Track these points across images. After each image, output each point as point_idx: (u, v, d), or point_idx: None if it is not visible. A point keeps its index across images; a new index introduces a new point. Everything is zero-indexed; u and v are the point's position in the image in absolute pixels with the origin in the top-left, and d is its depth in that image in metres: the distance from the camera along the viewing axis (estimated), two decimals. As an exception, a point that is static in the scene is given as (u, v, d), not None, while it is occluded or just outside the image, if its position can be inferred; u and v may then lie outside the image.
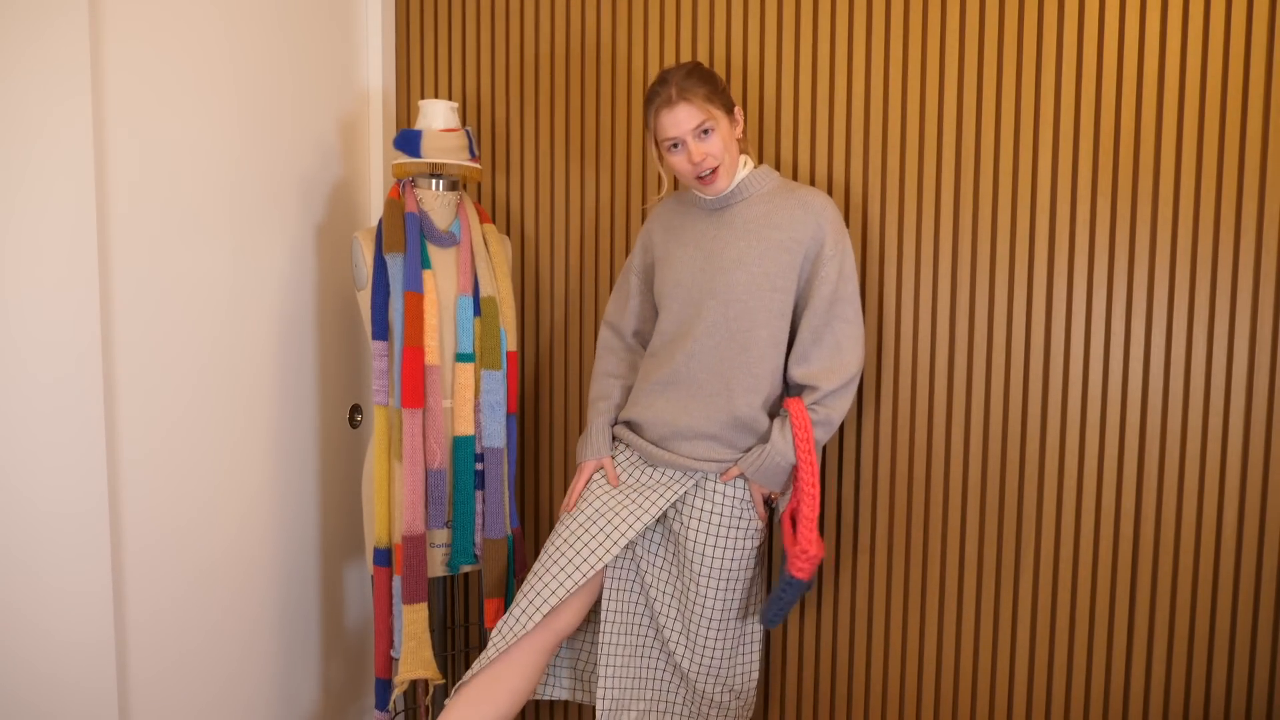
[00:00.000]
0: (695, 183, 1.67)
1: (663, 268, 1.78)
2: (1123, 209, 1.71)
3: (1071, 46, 1.72)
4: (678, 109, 1.60)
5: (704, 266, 1.71)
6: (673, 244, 1.77)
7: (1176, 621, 1.74)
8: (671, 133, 1.62)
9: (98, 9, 1.50)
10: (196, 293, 1.73)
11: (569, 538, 1.69)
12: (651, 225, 1.85)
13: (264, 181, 1.88)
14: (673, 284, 1.75)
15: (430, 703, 1.95)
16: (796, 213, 1.69)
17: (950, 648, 1.89)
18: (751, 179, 1.72)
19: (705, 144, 1.62)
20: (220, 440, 1.79)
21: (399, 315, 1.78)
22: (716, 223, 1.73)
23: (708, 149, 1.62)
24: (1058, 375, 1.77)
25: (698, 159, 1.62)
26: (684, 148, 1.63)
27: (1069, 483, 1.78)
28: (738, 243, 1.69)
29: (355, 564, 2.22)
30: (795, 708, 2.01)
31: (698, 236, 1.74)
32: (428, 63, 2.20)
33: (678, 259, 1.75)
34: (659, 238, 1.81)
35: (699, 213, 1.77)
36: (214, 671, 1.80)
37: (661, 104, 1.61)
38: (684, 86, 1.60)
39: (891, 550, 1.91)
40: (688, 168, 1.64)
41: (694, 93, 1.60)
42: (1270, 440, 1.66)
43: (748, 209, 1.72)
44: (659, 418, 1.74)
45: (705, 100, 1.61)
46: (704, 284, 1.70)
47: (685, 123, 1.60)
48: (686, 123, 1.60)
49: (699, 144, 1.62)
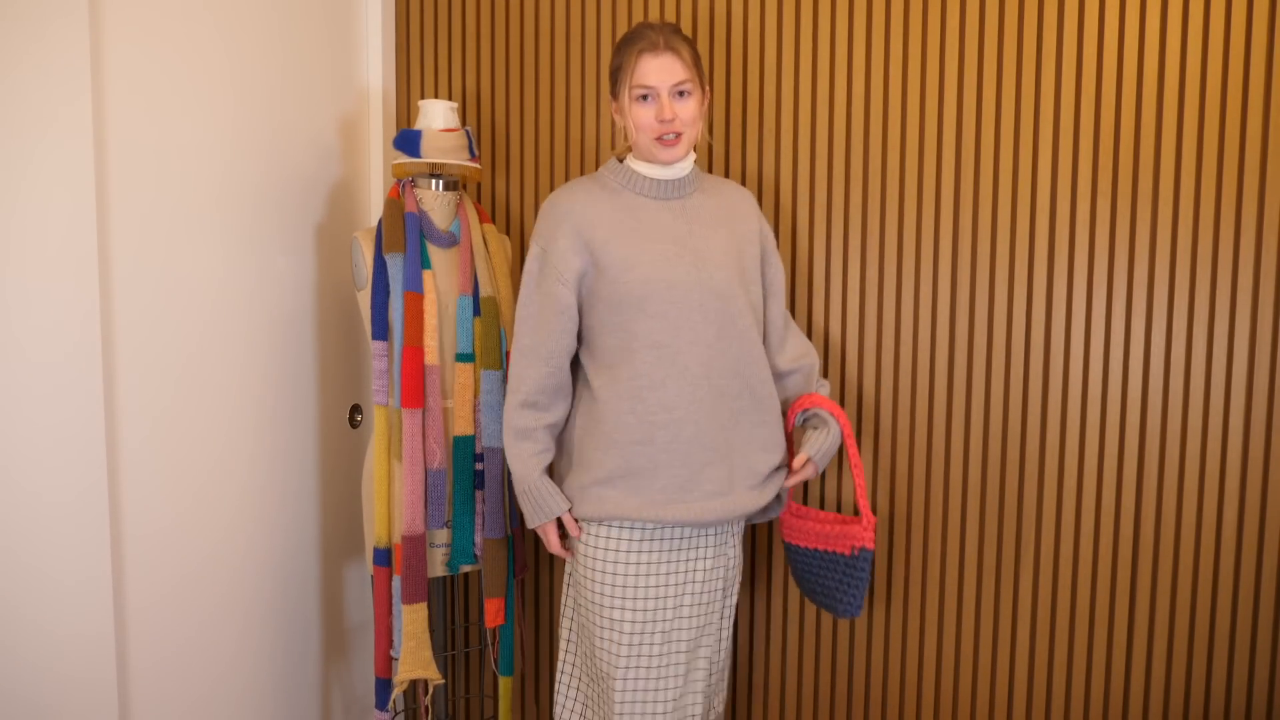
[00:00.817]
0: (654, 144, 1.55)
1: (628, 268, 1.56)
2: (1123, 209, 1.71)
3: (1071, 46, 1.72)
4: (663, 57, 1.50)
5: (693, 262, 1.58)
6: (632, 239, 1.57)
7: (1176, 621, 1.74)
8: (651, 80, 1.51)
9: (98, 9, 1.50)
10: (196, 293, 1.72)
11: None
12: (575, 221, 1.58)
13: (264, 181, 1.88)
14: (662, 284, 1.55)
15: (430, 703, 1.95)
16: (744, 205, 1.71)
17: (950, 647, 1.89)
18: (696, 173, 1.67)
19: (680, 105, 1.53)
20: (219, 440, 1.79)
21: (399, 315, 1.78)
22: (679, 214, 1.62)
23: (680, 111, 1.53)
24: (1058, 375, 1.77)
25: (668, 116, 1.51)
26: (655, 101, 1.52)
27: (1069, 482, 1.78)
28: (713, 236, 1.62)
29: (355, 564, 2.22)
30: (795, 708, 2.01)
31: (664, 230, 1.60)
32: (428, 63, 2.20)
33: (650, 255, 1.57)
34: (601, 234, 1.57)
35: (649, 203, 1.61)
36: (213, 672, 1.80)
37: (646, 47, 1.51)
38: (671, 40, 1.52)
39: (891, 550, 1.91)
40: (654, 125, 1.53)
41: (682, 50, 1.53)
42: (1270, 440, 1.66)
43: (705, 200, 1.66)
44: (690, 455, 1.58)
45: (692, 63, 1.54)
46: (703, 281, 1.58)
47: (668, 74, 1.51)
48: (669, 75, 1.51)
49: (674, 103, 1.52)
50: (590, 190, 1.62)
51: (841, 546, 1.67)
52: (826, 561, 1.70)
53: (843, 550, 1.67)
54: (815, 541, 1.71)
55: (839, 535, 1.67)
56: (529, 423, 1.62)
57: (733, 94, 1.94)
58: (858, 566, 1.65)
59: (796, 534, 1.75)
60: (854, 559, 1.65)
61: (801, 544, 1.74)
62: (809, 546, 1.73)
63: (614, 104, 1.62)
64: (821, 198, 1.89)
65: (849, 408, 1.91)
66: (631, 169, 1.63)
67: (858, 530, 1.65)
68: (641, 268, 1.56)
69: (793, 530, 1.76)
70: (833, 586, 1.70)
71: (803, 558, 1.75)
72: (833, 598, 1.70)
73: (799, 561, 1.77)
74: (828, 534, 1.69)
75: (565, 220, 1.59)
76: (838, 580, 1.69)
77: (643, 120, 1.54)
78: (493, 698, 2.27)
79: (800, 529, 1.74)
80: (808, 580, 1.76)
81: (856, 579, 1.66)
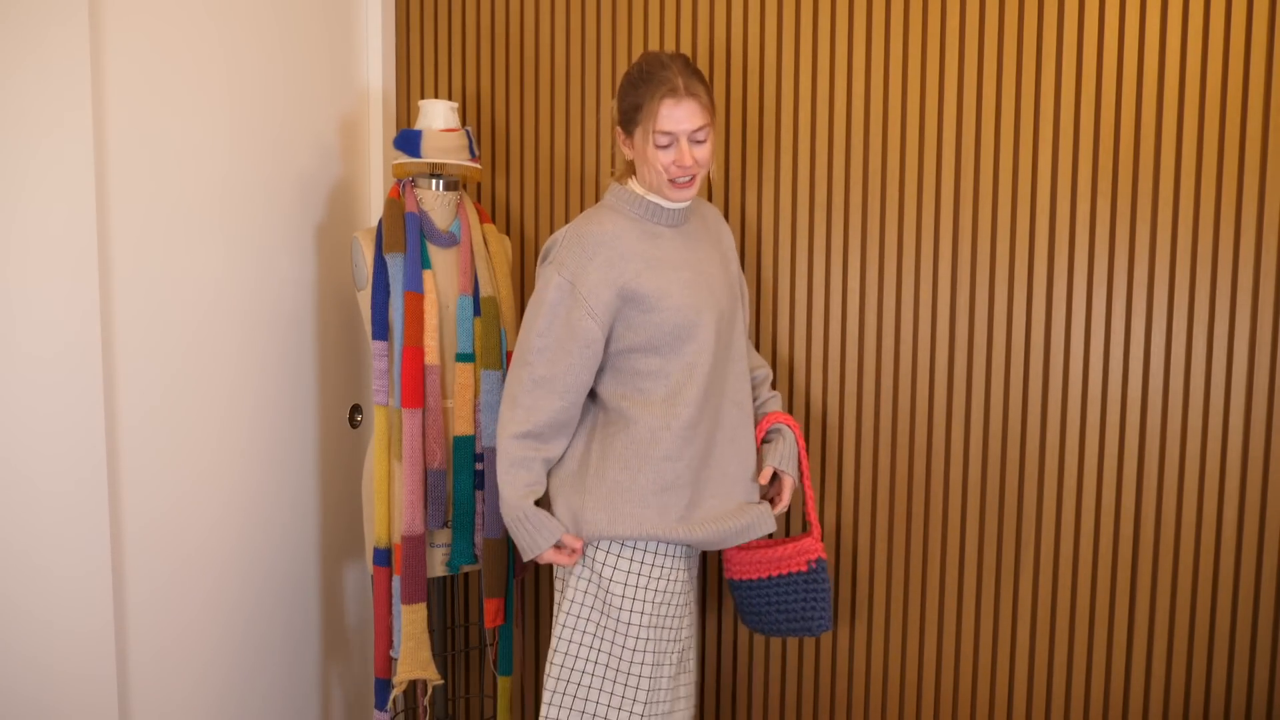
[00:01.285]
0: (667, 186, 1.55)
1: (663, 297, 1.55)
2: (1123, 209, 1.71)
3: (1071, 46, 1.72)
4: (685, 104, 1.49)
5: (707, 286, 1.60)
6: (662, 270, 1.57)
7: (1176, 621, 1.74)
8: (672, 127, 1.49)
9: (98, 9, 1.50)
10: (196, 293, 1.73)
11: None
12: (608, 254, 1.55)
13: (264, 181, 1.88)
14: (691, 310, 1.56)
15: (429, 703, 1.95)
16: (720, 222, 1.78)
17: (950, 647, 1.89)
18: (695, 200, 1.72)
19: (698, 150, 1.53)
20: (219, 440, 1.79)
21: (399, 315, 1.78)
22: (685, 239, 1.64)
23: (700, 156, 1.53)
24: (1058, 375, 1.77)
25: (688, 163, 1.51)
26: (676, 147, 1.52)
27: (1069, 482, 1.78)
28: (711, 258, 1.67)
29: (355, 564, 2.22)
30: (795, 707, 2.01)
31: (681, 257, 1.61)
32: (428, 63, 2.20)
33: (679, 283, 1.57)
34: (634, 266, 1.55)
35: (665, 230, 1.62)
36: (213, 673, 1.80)
37: (668, 93, 1.49)
38: (690, 83, 1.50)
39: (891, 550, 1.91)
40: (673, 170, 1.53)
41: (701, 93, 1.51)
42: (1270, 440, 1.66)
43: (696, 223, 1.70)
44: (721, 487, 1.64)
45: (709, 105, 1.53)
46: (716, 303, 1.60)
47: (688, 120, 1.50)
48: (690, 121, 1.50)
49: (694, 148, 1.52)
50: (616, 221, 1.58)
51: (797, 565, 1.66)
52: (785, 586, 1.68)
53: (799, 568, 1.66)
54: (769, 569, 1.69)
55: (793, 554, 1.66)
56: (527, 453, 1.57)
57: (733, 94, 1.94)
58: (818, 580, 1.66)
59: (747, 568, 1.71)
60: (813, 573, 1.66)
61: (754, 576, 1.71)
62: (763, 577, 1.70)
63: (621, 135, 1.59)
64: (821, 198, 1.89)
65: (848, 408, 1.91)
66: (648, 200, 1.60)
67: (810, 543, 1.66)
68: (673, 296, 1.56)
69: (743, 565, 1.71)
70: (799, 609, 1.68)
71: (759, 591, 1.71)
72: (802, 620, 1.68)
73: (755, 597, 1.71)
74: (780, 556, 1.67)
75: (598, 254, 1.54)
76: (801, 600, 1.67)
77: (661, 163, 1.53)
78: (492, 698, 2.27)
79: (750, 561, 1.71)
80: (768, 614, 1.71)
81: (820, 592, 1.66)
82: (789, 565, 1.67)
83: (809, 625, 1.68)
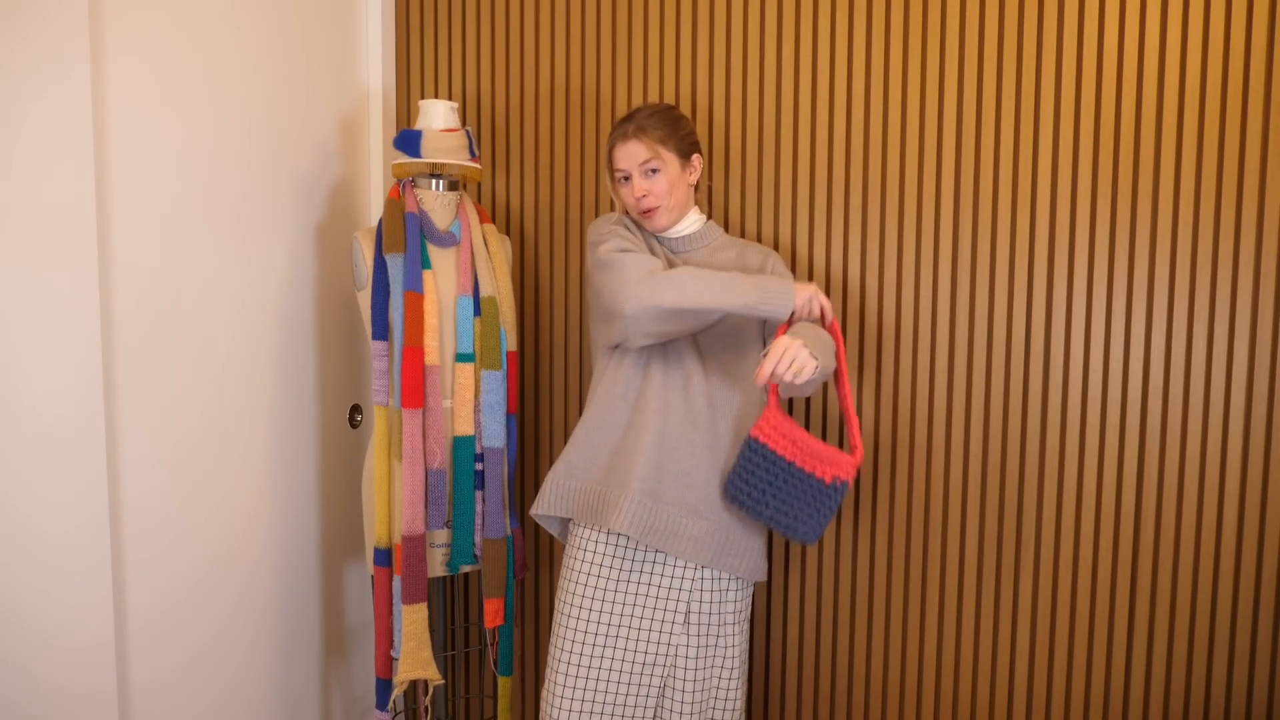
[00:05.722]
0: (641, 216, 1.74)
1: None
2: (1123, 209, 1.71)
3: (1071, 47, 1.72)
4: (629, 144, 1.68)
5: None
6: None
7: (1176, 621, 1.74)
8: (620, 164, 1.70)
9: (97, 9, 1.50)
10: (196, 293, 1.73)
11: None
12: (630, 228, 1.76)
13: (264, 181, 1.88)
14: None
15: (430, 703, 1.95)
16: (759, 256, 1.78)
17: (950, 648, 1.89)
18: (708, 230, 1.79)
19: (649, 182, 1.68)
20: (220, 441, 1.79)
21: (399, 315, 1.78)
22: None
23: (650, 187, 1.68)
24: (1058, 375, 1.77)
25: (638, 194, 1.69)
26: (630, 181, 1.71)
27: (1069, 483, 1.78)
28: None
29: (355, 564, 2.22)
30: (795, 708, 2.01)
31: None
32: (428, 63, 2.20)
33: None
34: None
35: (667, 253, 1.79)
36: (214, 673, 1.80)
37: (617, 136, 1.71)
38: (643, 125, 1.68)
39: (891, 550, 1.91)
40: (630, 200, 1.72)
41: (650, 133, 1.67)
42: (1270, 440, 1.66)
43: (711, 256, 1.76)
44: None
45: (658, 142, 1.67)
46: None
47: (632, 158, 1.68)
48: (632, 158, 1.68)
49: (643, 180, 1.69)
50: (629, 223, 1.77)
51: (823, 472, 1.58)
52: (798, 479, 1.59)
53: (822, 476, 1.58)
54: (796, 456, 1.60)
55: (826, 460, 1.58)
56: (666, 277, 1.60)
57: (733, 95, 1.94)
58: (831, 497, 1.57)
59: (777, 438, 1.61)
60: (831, 489, 1.57)
61: (777, 450, 1.61)
62: (785, 456, 1.60)
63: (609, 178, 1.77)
64: (821, 198, 1.89)
65: (849, 408, 1.91)
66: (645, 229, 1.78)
67: (846, 461, 1.57)
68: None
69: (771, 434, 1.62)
70: (797, 508, 1.59)
71: (770, 465, 1.60)
72: (794, 519, 1.59)
73: (762, 466, 1.60)
74: (815, 452, 1.59)
75: (621, 225, 1.74)
76: (804, 503, 1.59)
77: (624, 197, 1.74)
78: (492, 698, 2.27)
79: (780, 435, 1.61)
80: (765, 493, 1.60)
81: (826, 508, 1.58)
82: (815, 466, 1.59)
83: (795, 528, 1.59)
